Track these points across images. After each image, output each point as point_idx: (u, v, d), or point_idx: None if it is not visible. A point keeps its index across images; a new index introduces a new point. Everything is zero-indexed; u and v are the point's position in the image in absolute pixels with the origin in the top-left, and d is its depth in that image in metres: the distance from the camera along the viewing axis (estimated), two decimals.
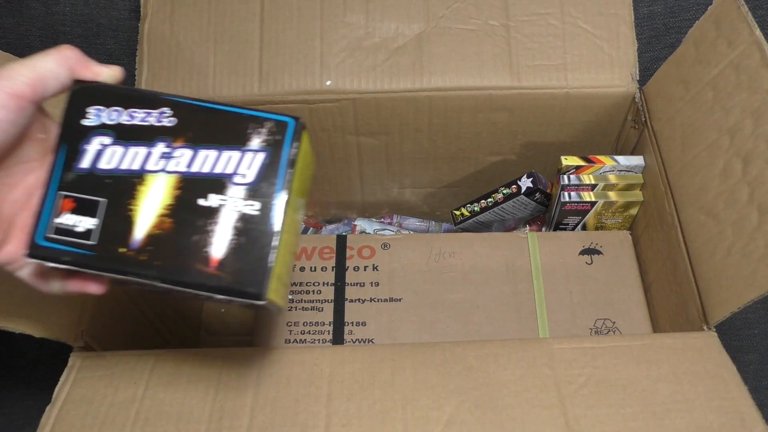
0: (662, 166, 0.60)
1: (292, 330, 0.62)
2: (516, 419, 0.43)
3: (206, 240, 0.35)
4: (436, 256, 0.66)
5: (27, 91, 0.34)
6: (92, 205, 0.36)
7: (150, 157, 0.36)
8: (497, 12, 0.66)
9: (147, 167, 0.36)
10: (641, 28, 0.83)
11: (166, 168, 0.36)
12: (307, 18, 0.65)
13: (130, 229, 0.35)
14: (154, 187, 0.36)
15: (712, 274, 0.51)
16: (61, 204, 0.36)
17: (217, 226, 0.35)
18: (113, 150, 0.36)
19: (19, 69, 0.34)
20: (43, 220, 0.36)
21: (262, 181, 0.36)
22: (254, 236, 0.35)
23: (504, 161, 0.74)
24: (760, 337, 0.82)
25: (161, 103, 0.37)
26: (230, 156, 0.36)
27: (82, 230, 0.35)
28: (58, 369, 0.47)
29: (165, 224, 0.35)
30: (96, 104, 0.37)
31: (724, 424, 0.43)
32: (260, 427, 0.43)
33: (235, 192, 0.36)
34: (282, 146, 0.36)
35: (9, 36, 0.80)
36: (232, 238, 0.35)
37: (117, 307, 0.58)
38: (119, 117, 0.37)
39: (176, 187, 0.36)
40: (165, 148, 0.36)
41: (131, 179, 0.36)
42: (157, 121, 0.37)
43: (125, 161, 0.36)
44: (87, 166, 0.36)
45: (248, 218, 0.35)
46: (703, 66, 0.55)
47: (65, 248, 0.35)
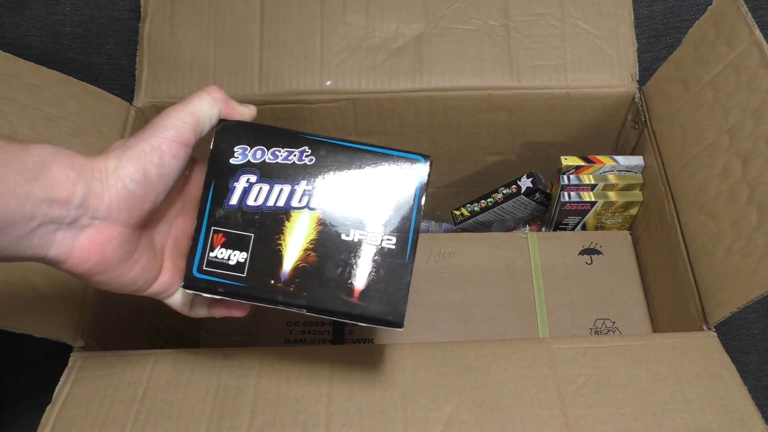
0: (662, 166, 0.60)
1: (292, 330, 0.62)
2: (516, 419, 0.43)
3: (349, 272, 0.38)
4: (436, 256, 0.66)
5: (191, 138, 0.36)
6: (242, 240, 0.38)
7: (294, 195, 0.39)
8: (497, 12, 0.66)
9: (292, 204, 0.39)
10: (641, 28, 0.83)
11: (309, 205, 0.39)
12: (307, 18, 0.65)
13: (279, 262, 0.38)
14: (299, 223, 0.39)
15: (711, 274, 0.51)
16: (213, 239, 0.38)
17: (358, 259, 0.38)
18: (260, 187, 0.39)
19: (183, 116, 0.36)
20: (197, 254, 0.38)
21: (396, 216, 0.39)
22: (392, 269, 0.38)
23: (504, 161, 0.74)
24: (759, 337, 0.82)
25: (301, 143, 0.40)
26: None
27: (234, 263, 0.38)
28: (58, 369, 0.47)
29: (310, 258, 0.38)
30: (241, 144, 0.39)
31: (723, 424, 0.43)
32: (260, 427, 0.43)
33: (373, 227, 0.39)
34: (414, 184, 0.40)
35: (9, 36, 0.80)
36: (372, 271, 0.38)
37: (117, 307, 0.58)
38: (263, 156, 0.39)
39: (319, 223, 0.39)
40: (307, 185, 0.39)
41: (278, 215, 0.39)
42: (299, 160, 0.39)
43: (271, 198, 0.39)
44: (235, 203, 0.39)
45: (386, 252, 0.39)
46: (703, 66, 0.55)
47: (219, 280, 0.38)
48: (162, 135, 0.35)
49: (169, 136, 0.35)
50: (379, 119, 0.67)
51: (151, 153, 0.34)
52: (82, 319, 0.51)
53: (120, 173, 0.33)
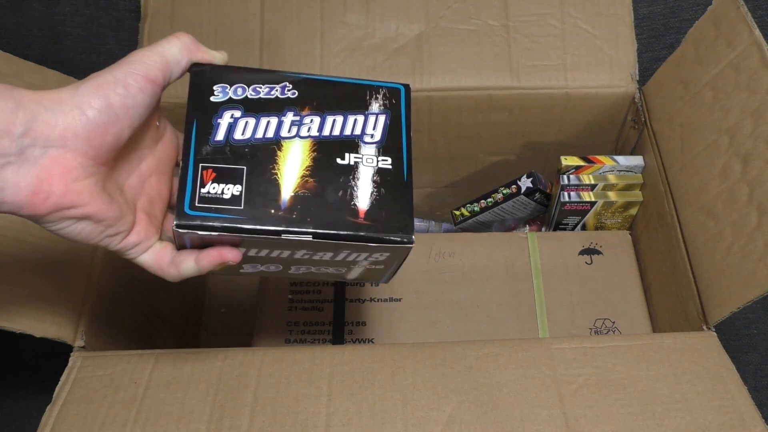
0: (662, 166, 0.60)
1: (292, 330, 0.62)
2: (516, 419, 0.43)
3: (350, 194, 0.38)
4: (436, 256, 0.66)
5: (159, 76, 0.36)
6: (235, 173, 0.37)
7: (282, 125, 0.39)
8: (497, 12, 0.66)
9: (281, 134, 0.38)
10: (641, 28, 0.83)
11: (299, 133, 0.39)
12: (307, 18, 0.66)
13: (278, 191, 0.37)
14: (292, 152, 0.38)
15: (711, 274, 0.51)
16: (203, 175, 0.37)
17: (358, 181, 0.38)
18: (245, 121, 0.38)
19: (150, 56, 0.36)
20: (188, 192, 0.37)
21: (388, 138, 0.40)
22: (393, 187, 0.39)
23: (504, 161, 0.74)
24: (759, 337, 0.82)
25: (281, 78, 0.40)
26: (355, 119, 0.40)
27: (229, 197, 0.37)
28: (58, 369, 0.47)
29: (309, 184, 0.38)
30: (220, 83, 0.39)
31: (723, 424, 0.43)
32: (260, 427, 0.44)
33: (367, 150, 0.39)
34: (399, 108, 0.41)
35: (9, 36, 0.80)
36: (374, 191, 0.38)
37: (117, 307, 0.58)
38: (245, 92, 0.39)
39: (312, 150, 0.38)
40: (294, 116, 0.39)
41: (269, 146, 0.38)
42: (281, 94, 0.39)
43: (259, 131, 0.38)
44: (222, 138, 0.38)
45: (384, 171, 0.39)
46: (703, 66, 0.55)
47: (215, 215, 0.36)
48: (128, 69, 0.34)
49: (135, 69, 0.35)
50: None
51: (115, 83, 0.34)
52: (82, 319, 0.51)
53: (78, 101, 0.32)
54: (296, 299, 0.64)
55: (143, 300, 0.63)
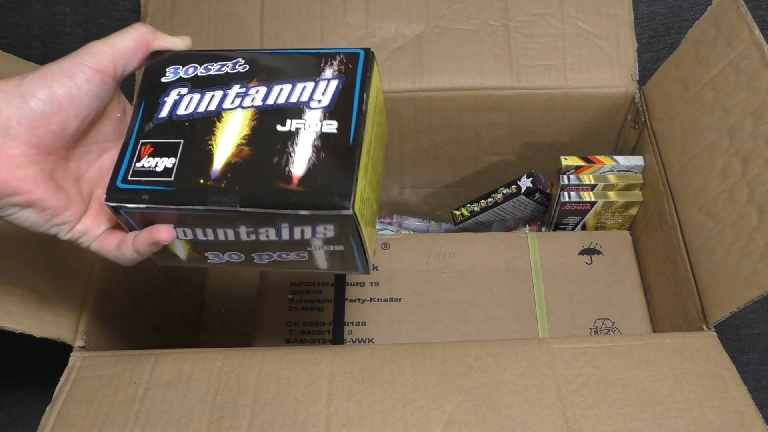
0: (662, 166, 0.60)
1: (292, 330, 0.62)
2: (516, 419, 0.43)
3: (286, 160, 0.35)
4: (436, 256, 0.66)
5: (109, 66, 0.35)
6: (171, 147, 0.36)
7: (226, 98, 0.37)
8: (497, 12, 0.66)
9: (224, 106, 0.37)
10: (641, 28, 0.83)
11: (242, 104, 0.37)
12: (307, 18, 0.66)
13: (209, 161, 0.36)
14: (231, 122, 0.36)
15: (711, 273, 0.51)
16: (141, 150, 0.36)
17: (296, 146, 0.35)
18: (190, 97, 0.37)
19: (101, 47, 0.36)
20: (123, 167, 0.36)
21: (338, 102, 0.36)
22: (335, 151, 0.35)
23: (504, 161, 0.74)
24: (759, 337, 0.82)
25: (235, 55, 0.38)
26: (305, 86, 0.37)
27: (161, 169, 0.36)
28: (58, 369, 0.47)
29: (243, 152, 0.36)
30: (173, 65, 0.38)
31: (723, 424, 0.43)
32: (260, 427, 0.44)
33: (312, 115, 0.36)
34: (355, 72, 0.37)
35: (9, 36, 0.80)
36: (312, 155, 0.35)
37: (117, 307, 0.58)
38: (196, 71, 0.38)
39: (252, 119, 0.36)
40: (240, 89, 0.37)
41: (209, 119, 0.37)
42: (232, 69, 0.38)
43: (202, 105, 0.37)
44: (165, 115, 0.37)
45: (327, 136, 0.36)
46: (703, 66, 0.55)
47: (144, 187, 0.35)
48: (77, 59, 0.35)
49: (83, 60, 0.35)
50: None
51: (61, 74, 0.34)
52: (82, 319, 0.51)
53: (22, 90, 0.33)
54: (296, 299, 0.64)
55: (143, 300, 0.63)
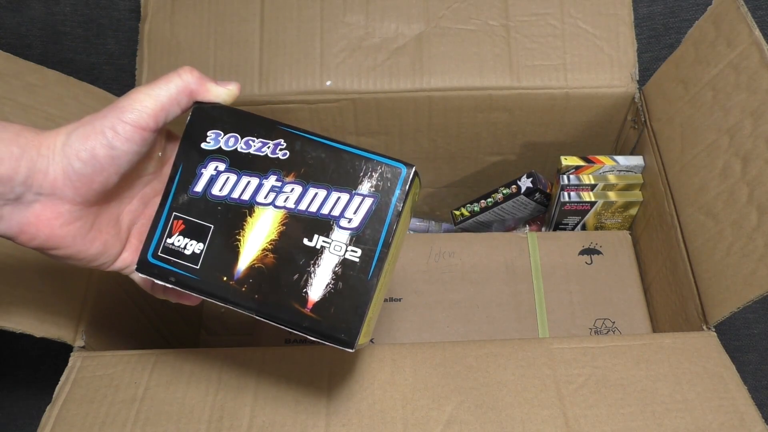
0: (662, 166, 0.60)
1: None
2: (516, 419, 0.43)
3: (306, 280, 0.36)
4: (436, 256, 0.66)
5: (151, 122, 0.35)
6: (201, 230, 0.37)
7: (261, 189, 0.37)
8: (497, 12, 0.66)
9: (257, 199, 0.37)
10: (641, 28, 0.83)
11: (275, 202, 0.37)
12: (307, 18, 0.66)
13: (235, 259, 0.36)
14: (261, 221, 0.36)
15: (711, 273, 0.51)
16: (173, 225, 0.37)
17: (318, 268, 0.36)
18: (227, 176, 0.37)
19: (143, 100, 0.35)
20: (155, 238, 0.37)
21: (366, 227, 0.36)
22: (352, 284, 0.35)
23: (504, 161, 0.74)
24: (759, 337, 0.82)
25: (277, 134, 0.37)
26: (339, 197, 0.36)
27: (189, 254, 0.37)
28: (58, 369, 0.47)
29: (268, 259, 0.36)
30: (215, 128, 0.38)
31: (723, 423, 0.43)
32: (260, 427, 0.44)
33: (339, 236, 0.36)
34: (392, 195, 0.36)
35: (9, 36, 0.80)
36: (331, 283, 0.36)
37: (117, 307, 0.58)
38: (236, 144, 0.37)
39: (282, 222, 0.36)
40: (276, 181, 0.37)
41: (241, 209, 0.37)
42: (272, 153, 0.37)
43: (236, 190, 0.37)
44: (200, 190, 0.37)
45: (348, 264, 0.36)
46: (703, 66, 0.55)
47: (172, 269, 0.37)
48: (118, 116, 0.34)
49: (125, 118, 0.34)
50: (379, 119, 0.67)
51: (102, 134, 0.34)
52: (82, 319, 0.51)
53: (67, 151, 0.33)
54: None
55: (143, 300, 0.63)
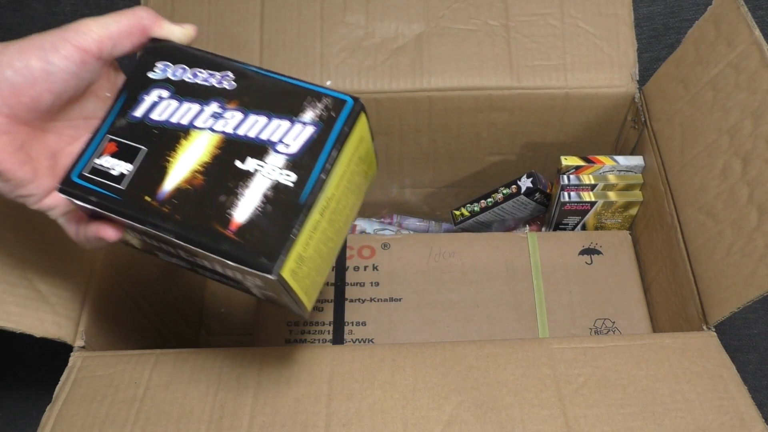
0: (662, 166, 0.60)
1: (292, 330, 0.62)
2: (516, 419, 0.43)
3: (232, 202, 0.34)
4: (436, 256, 0.66)
5: (93, 46, 0.35)
6: (132, 152, 0.35)
7: (201, 115, 0.36)
8: (497, 12, 0.66)
9: (195, 123, 0.36)
10: (641, 28, 0.83)
11: (213, 127, 0.36)
12: (307, 18, 0.66)
13: (161, 179, 0.35)
14: (196, 143, 0.35)
15: (711, 273, 0.51)
16: (104, 146, 0.36)
17: (247, 190, 0.34)
18: (168, 103, 0.36)
19: (91, 25, 0.35)
20: (84, 159, 0.36)
21: (305, 154, 0.35)
22: (282, 207, 0.34)
23: (504, 161, 0.74)
24: (759, 337, 0.82)
25: (226, 67, 0.37)
26: (279, 124, 0.35)
27: (116, 174, 0.35)
28: (58, 369, 0.47)
29: (196, 180, 0.35)
30: (165, 60, 0.37)
31: (723, 423, 0.43)
32: (260, 427, 0.44)
33: (274, 160, 0.35)
34: (334, 124, 0.35)
35: (10, 36, 0.80)
36: (259, 206, 0.34)
37: (117, 307, 0.58)
38: (183, 74, 0.37)
39: (217, 146, 0.35)
40: (218, 108, 0.36)
41: (177, 132, 0.36)
42: (218, 83, 0.37)
43: (176, 115, 0.36)
44: (139, 115, 0.36)
45: (280, 188, 0.34)
46: (703, 66, 0.55)
47: (95, 188, 0.35)
48: (61, 35, 0.34)
49: (67, 37, 0.34)
50: (379, 119, 0.67)
51: (42, 48, 0.34)
52: (82, 319, 0.51)
53: (0, 59, 0.33)
54: None
55: (143, 300, 0.63)
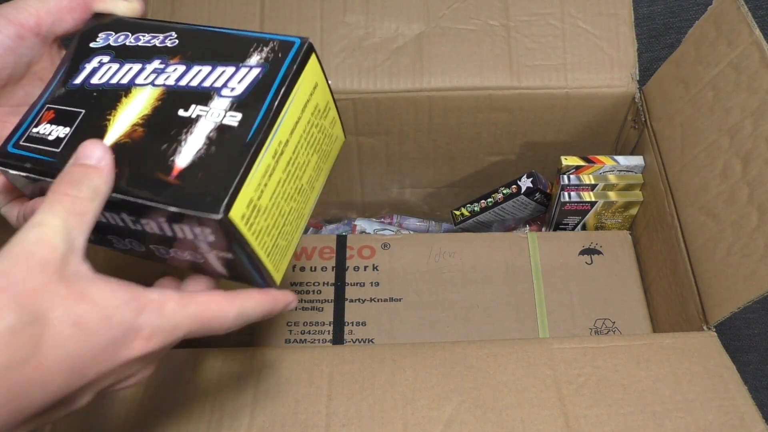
0: (662, 166, 0.60)
1: (292, 330, 0.62)
2: (516, 419, 0.43)
3: (175, 149, 0.32)
4: (436, 256, 0.66)
5: (30, 21, 0.34)
6: (70, 116, 0.34)
7: (142, 72, 0.34)
8: (497, 12, 0.66)
9: (136, 81, 0.34)
10: (641, 28, 0.83)
11: (154, 82, 0.34)
12: (307, 18, 0.65)
13: (100, 138, 0.33)
14: (136, 99, 0.33)
15: (711, 274, 0.51)
16: (43, 115, 0.34)
17: (190, 135, 0.32)
18: (109, 66, 0.35)
19: (30, 1, 0.34)
20: (20, 130, 0.34)
21: (251, 94, 0.33)
22: (227, 147, 0.31)
23: (504, 161, 0.74)
24: (760, 337, 0.82)
25: (170, 29, 0.36)
26: (224, 71, 0.34)
27: (53, 139, 0.33)
28: None
29: (136, 133, 0.32)
30: (107, 30, 0.36)
31: (723, 424, 0.43)
32: (260, 427, 0.44)
33: (218, 104, 0.33)
34: (282, 63, 0.33)
35: None
36: (202, 148, 0.31)
37: None
38: (125, 39, 0.36)
39: (158, 98, 0.33)
40: (159, 64, 0.34)
41: (117, 92, 0.34)
42: (160, 43, 0.35)
43: (116, 77, 0.34)
44: (79, 82, 0.35)
45: (225, 128, 0.32)
46: (703, 66, 0.55)
47: (30, 155, 0.33)
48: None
49: (2, 12, 0.33)
50: (379, 119, 0.67)
51: None
52: None
53: None
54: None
55: None
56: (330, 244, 0.67)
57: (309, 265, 0.66)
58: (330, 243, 0.67)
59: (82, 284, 0.28)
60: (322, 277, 0.65)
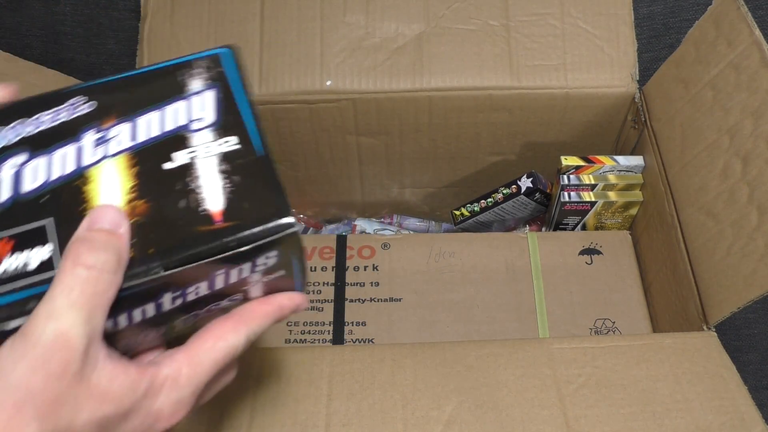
0: (662, 166, 0.60)
1: (292, 330, 0.62)
2: (516, 419, 0.43)
3: (197, 200, 0.29)
4: (436, 256, 0.66)
5: None
6: (37, 233, 0.28)
7: (83, 152, 0.30)
8: (497, 12, 0.66)
9: (83, 163, 0.30)
10: (641, 28, 0.83)
11: (107, 153, 0.30)
12: (307, 18, 0.66)
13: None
14: (104, 179, 0.30)
15: (711, 274, 0.51)
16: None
17: (199, 180, 0.30)
18: (35, 164, 0.30)
19: None
20: None
21: (224, 115, 0.31)
22: (248, 170, 0.30)
23: (504, 161, 0.74)
24: (760, 337, 0.82)
25: (69, 96, 0.32)
26: (176, 108, 0.31)
27: (37, 265, 0.28)
28: None
29: (139, 208, 0.29)
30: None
31: (723, 424, 0.43)
32: (260, 427, 0.43)
33: (200, 139, 0.31)
34: (226, 76, 0.32)
35: (9, 36, 0.80)
36: (225, 183, 0.30)
37: None
38: (23, 129, 0.31)
39: (131, 165, 0.30)
40: (96, 134, 0.31)
41: (71, 184, 0.30)
42: (72, 114, 0.31)
43: (55, 169, 0.30)
44: (8, 197, 0.29)
45: (231, 155, 0.30)
46: (703, 66, 0.55)
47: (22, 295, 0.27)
48: None
49: None
50: (379, 119, 0.67)
51: None
52: None
53: None
54: None
55: None
56: (330, 244, 0.67)
57: (309, 265, 0.66)
58: (330, 243, 0.67)
59: (102, 381, 0.27)
60: (322, 277, 0.65)
